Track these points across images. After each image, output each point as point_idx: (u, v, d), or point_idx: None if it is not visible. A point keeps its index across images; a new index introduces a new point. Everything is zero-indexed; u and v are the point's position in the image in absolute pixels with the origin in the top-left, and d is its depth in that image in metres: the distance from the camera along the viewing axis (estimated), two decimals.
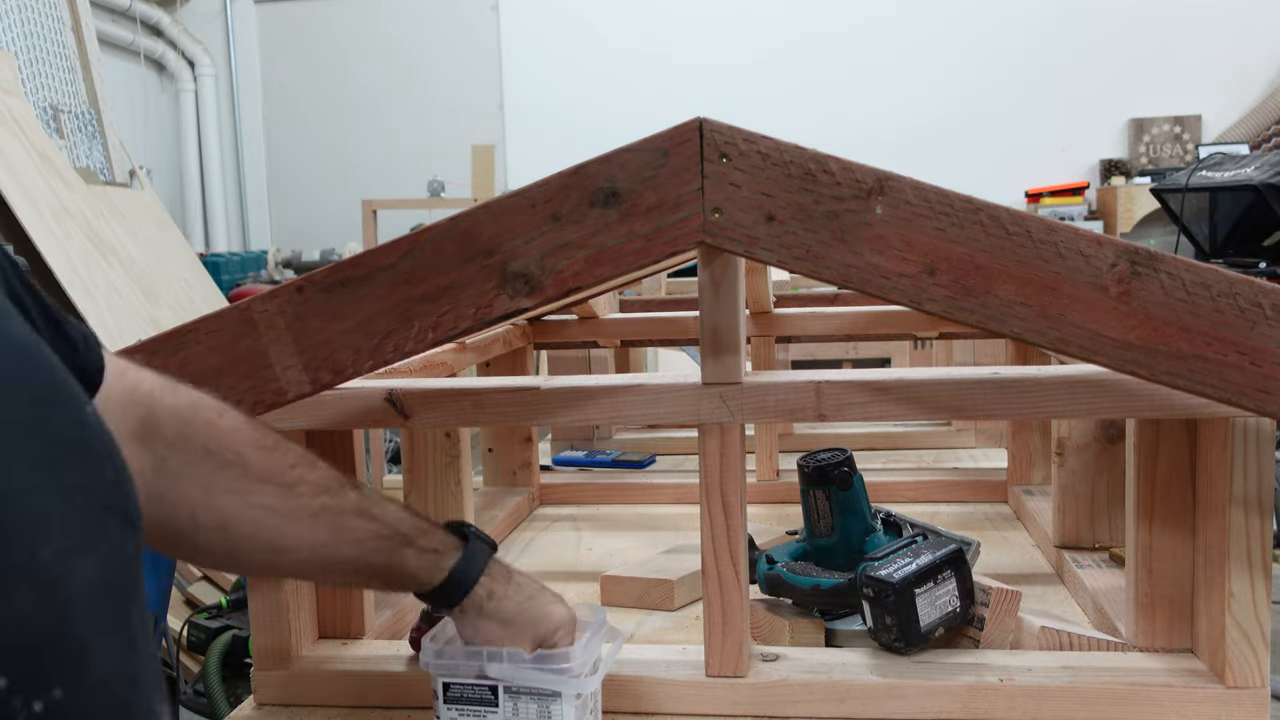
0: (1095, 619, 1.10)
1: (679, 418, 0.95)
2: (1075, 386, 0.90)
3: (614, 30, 5.94)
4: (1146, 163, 5.48)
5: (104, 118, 4.62)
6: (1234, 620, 0.89)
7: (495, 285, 0.92)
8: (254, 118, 6.49)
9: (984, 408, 0.93)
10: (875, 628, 0.97)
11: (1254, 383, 0.79)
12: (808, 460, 1.11)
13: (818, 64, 5.73)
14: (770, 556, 1.11)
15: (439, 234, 0.94)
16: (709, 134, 0.87)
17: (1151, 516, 0.95)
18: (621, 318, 1.81)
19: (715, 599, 0.95)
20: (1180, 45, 5.47)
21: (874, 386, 0.93)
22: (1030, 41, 5.56)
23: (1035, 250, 0.82)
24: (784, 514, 1.53)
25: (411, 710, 0.97)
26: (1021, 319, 0.82)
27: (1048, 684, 0.91)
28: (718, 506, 0.94)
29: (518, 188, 0.94)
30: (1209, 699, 0.90)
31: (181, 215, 6.14)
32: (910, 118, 5.61)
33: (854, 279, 0.85)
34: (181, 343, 0.92)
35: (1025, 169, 5.57)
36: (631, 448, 1.99)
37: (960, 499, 1.61)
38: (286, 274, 5.65)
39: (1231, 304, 0.79)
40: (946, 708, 0.92)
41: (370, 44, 6.25)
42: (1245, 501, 0.88)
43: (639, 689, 0.95)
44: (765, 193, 0.86)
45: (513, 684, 0.81)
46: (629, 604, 1.22)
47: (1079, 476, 1.26)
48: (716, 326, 0.94)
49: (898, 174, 0.84)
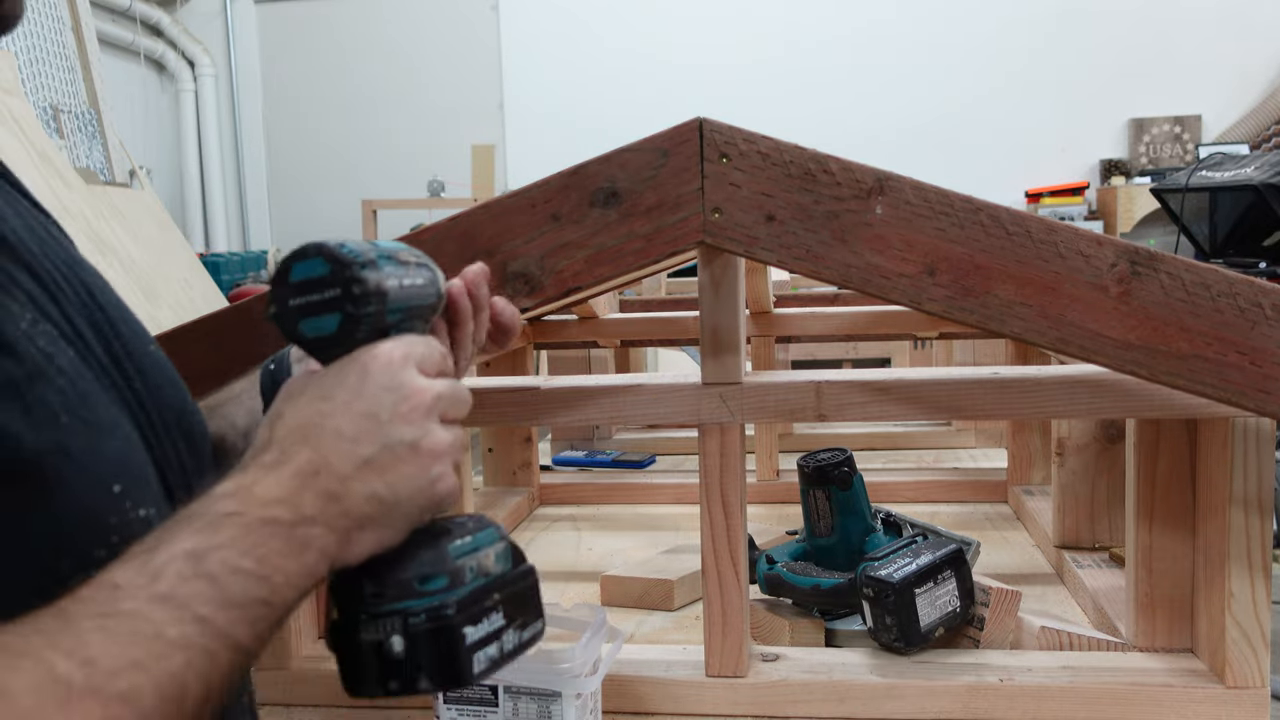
0: (1095, 619, 1.10)
1: (679, 418, 0.95)
2: (1075, 386, 0.90)
3: (614, 30, 5.94)
4: (1146, 163, 5.48)
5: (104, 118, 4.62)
6: (1234, 620, 0.89)
7: (495, 285, 0.92)
8: (254, 118, 6.49)
9: (984, 408, 0.93)
10: (875, 628, 0.98)
11: (1254, 383, 0.79)
12: (808, 460, 1.11)
13: (818, 64, 5.73)
14: (770, 556, 1.11)
15: (439, 234, 0.94)
16: (709, 134, 0.87)
17: (1151, 516, 0.95)
18: (621, 318, 1.81)
19: (715, 599, 0.95)
20: (1180, 46, 5.47)
21: (874, 386, 0.93)
22: (1030, 42, 5.56)
23: (1035, 250, 0.82)
24: (784, 514, 1.53)
25: (411, 710, 0.97)
26: (1021, 319, 0.82)
27: (1048, 684, 0.91)
28: (718, 506, 0.94)
29: (518, 188, 0.94)
30: (1209, 699, 0.90)
31: (181, 215, 6.14)
32: (910, 118, 5.61)
33: (854, 279, 0.85)
34: (182, 342, 0.92)
35: (1025, 169, 5.57)
36: (631, 448, 1.99)
37: (960, 499, 1.61)
38: None
39: (1231, 304, 0.79)
40: (946, 708, 0.92)
41: (370, 44, 6.25)
42: (1245, 501, 0.88)
43: (639, 689, 0.96)
44: (765, 193, 0.86)
45: (513, 684, 0.81)
46: (629, 604, 1.22)
47: (1079, 476, 1.26)
48: (716, 326, 0.94)
49: (897, 174, 0.84)
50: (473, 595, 0.59)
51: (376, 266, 0.61)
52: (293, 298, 0.61)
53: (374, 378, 0.59)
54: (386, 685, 0.57)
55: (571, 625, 0.89)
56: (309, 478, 0.54)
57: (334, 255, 0.60)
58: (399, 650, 0.57)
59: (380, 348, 0.60)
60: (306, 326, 0.61)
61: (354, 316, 0.60)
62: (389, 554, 0.58)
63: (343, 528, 0.55)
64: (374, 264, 0.61)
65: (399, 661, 0.57)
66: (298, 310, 0.61)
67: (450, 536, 0.60)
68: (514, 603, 0.61)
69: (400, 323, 0.63)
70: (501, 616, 0.60)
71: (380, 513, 0.56)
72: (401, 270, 0.63)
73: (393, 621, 0.57)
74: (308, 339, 0.61)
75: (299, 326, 0.61)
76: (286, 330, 0.62)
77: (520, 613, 0.61)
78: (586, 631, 0.85)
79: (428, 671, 0.57)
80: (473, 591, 0.59)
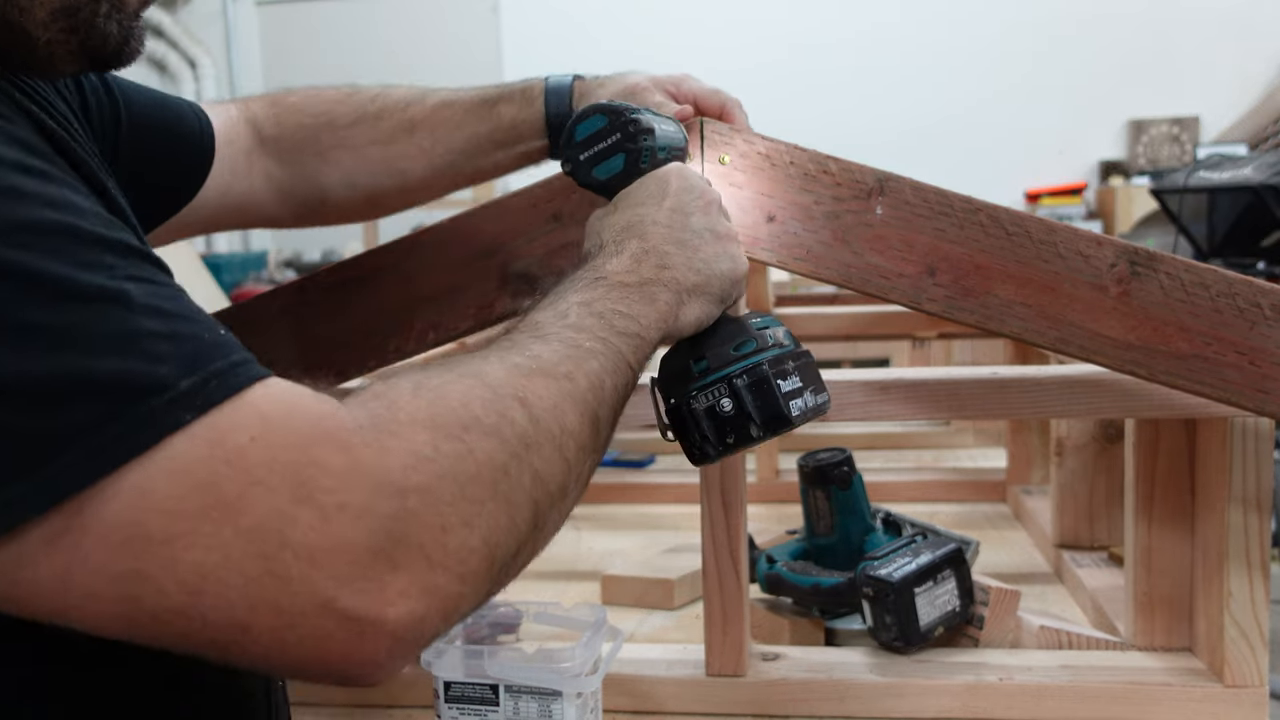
0: (1094, 618, 1.10)
1: None
2: (1075, 386, 0.90)
3: (614, 32, 5.94)
4: (1145, 164, 5.48)
5: None
6: (1232, 619, 0.89)
7: (496, 285, 0.93)
8: None
9: (984, 407, 0.93)
10: (875, 627, 0.98)
11: (1253, 382, 0.79)
12: (808, 460, 1.11)
13: (820, 67, 5.73)
14: (770, 556, 1.11)
15: (440, 234, 0.95)
16: (709, 134, 0.87)
17: (1150, 516, 0.95)
18: None
19: (715, 598, 0.95)
20: (1179, 47, 5.47)
21: (874, 386, 0.93)
22: (1031, 45, 5.56)
23: (1035, 250, 0.82)
24: (784, 514, 1.53)
25: (411, 710, 0.97)
26: (1021, 319, 0.83)
27: (1047, 683, 0.91)
28: (718, 506, 0.95)
29: (518, 188, 0.94)
30: (1207, 698, 0.90)
31: None
32: (911, 120, 5.61)
33: (854, 279, 0.85)
34: None
35: (1025, 170, 5.57)
36: (631, 448, 1.99)
37: (959, 499, 1.61)
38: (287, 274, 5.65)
39: (1230, 304, 0.79)
40: (946, 706, 0.92)
41: (371, 45, 6.25)
42: (1244, 501, 0.88)
43: (639, 688, 0.96)
44: (765, 193, 0.86)
45: (513, 683, 0.81)
46: (629, 603, 1.22)
47: (1078, 476, 1.27)
48: None
49: (897, 174, 0.84)
50: (778, 358, 0.69)
51: (643, 113, 0.74)
52: (582, 152, 0.74)
53: (672, 184, 0.72)
54: (724, 441, 0.69)
55: (572, 625, 0.89)
56: (642, 256, 0.67)
57: (610, 109, 0.73)
58: (729, 409, 0.68)
59: (669, 167, 0.74)
60: (599, 170, 0.74)
61: (635, 151, 0.73)
62: (702, 335, 0.70)
63: (675, 290, 0.67)
64: (640, 112, 0.74)
65: (730, 417, 0.68)
66: (589, 161, 0.74)
67: (747, 317, 0.72)
68: (806, 371, 0.71)
69: (666, 159, 0.75)
70: (799, 379, 0.70)
71: (701, 282, 0.69)
72: (659, 119, 0.76)
73: (720, 387, 0.68)
74: (600, 181, 0.74)
75: (592, 173, 0.74)
76: (582, 179, 0.75)
77: (811, 381, 0.72)
78: (587, 631, 0.85)
79: (756, 419, 0.68)
80: (777, 355, 0.70)
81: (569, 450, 0.55)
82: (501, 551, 0.50)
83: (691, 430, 0.70)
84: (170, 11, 6.21)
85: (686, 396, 0.69)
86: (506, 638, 0.98)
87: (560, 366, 0.56)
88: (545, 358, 0.56)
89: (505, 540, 0.50)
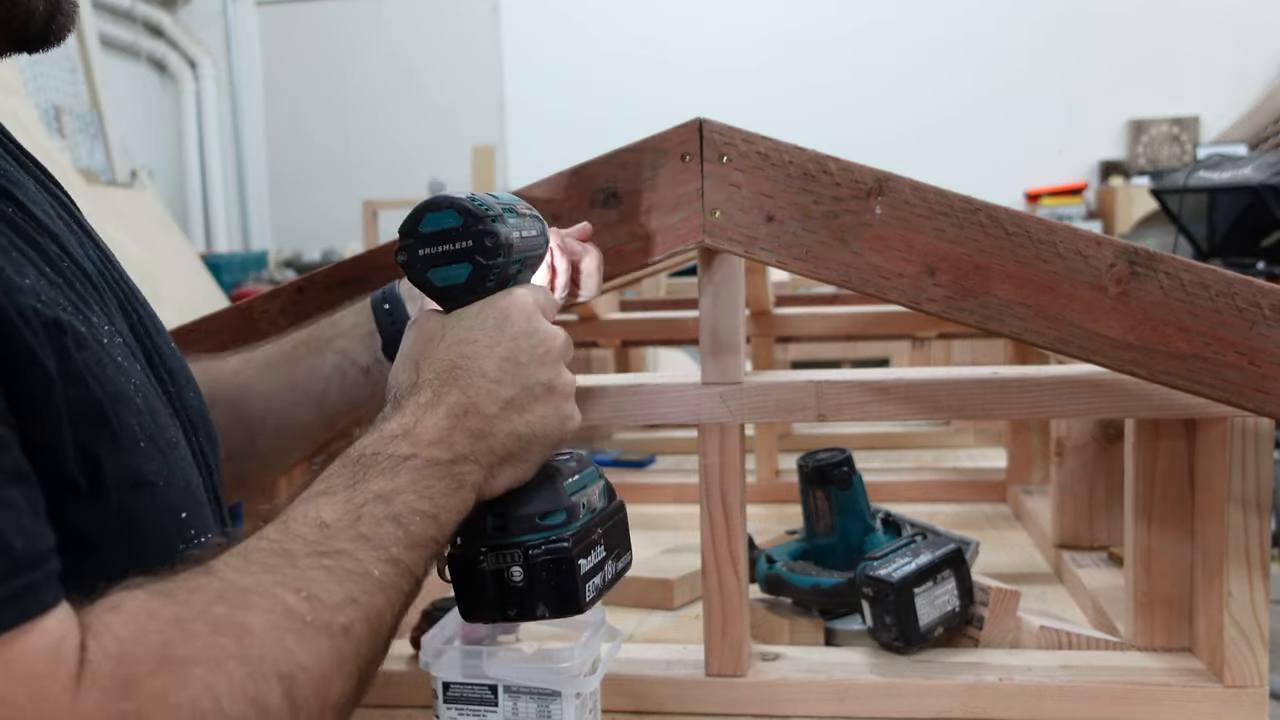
0: (1094, 618, 1.10)
1: (679, 418, 0.96)
2: (1074, 386, 0.90)
3: (614, 31, 5.94)
4: (1145, 163, 5.48)
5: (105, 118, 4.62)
6: (1232, 619, 0.89)
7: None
8: (255, 118, 6.49)
9: (984, 408, 0.93)
10: (875, 627, 0.98)
11: (1252, 382, 0.79)
12: (807, 460, 1.11)
13: (818, 66, 5.73)
14: (770, 556, 1.11)
15: None
16: (709, 134, 0.87)
17: (1150, 516, 0.95)
18: (621, 318, 1.81)
19: (715, 598, 0.95)
20: (1179, 47, 5.47)
21: (874, 386, 0.93)
22: (1030, 44, 5.56)
23: (1034, 250, 0.82)
24: (784, 514, 1.53)
25: (411, 710, 0.97)
26: (1020, 319, 0.83)
27: (1046, 683, 0.91)
28: (718, 506, 0.94)
29: (518, 188, 0.94)
30: (1207, 698, 0.90)
31: (183, 215, 6.14)
32: (911, 120, 5.61)
33: (853, 279, 0.85)
34: (183, 342, 0.92)
35: (1025, 170, 5.57)
36: (631, 448, 1.99)
37: (959, 499, 1.61)
38: (287, 274, 5.65)
39: (1230, 304, 0.79)
40: (946, 706, 0.92)
41: (371, 45, 6.25)
42: (1243, 501, 0.88)
43: (639, 688, 0.96)
44: (765, 193, 0.86)
45: (512, 683, 0.81)
46: (628, 604, 1.22)
47: (1078, 476, 1.27)
48: (716, 326, 0.94)
49: (897, 174, 0.84)
50: (584, 529, 0.63)
51: (504, 220, 0.64)
52: (423, 247, 0.64)
53: (513, 323, 0.63)
54: (505, 612, 0.63)
55: (571, 625, 0.89)
56: (460, 417, 0.59)
57: (467, 209, 0.63)
58: (519, 580, 0.62)
59: (516, 295, 0.65)
60: (436, 275, 0.64)
61: (484, 267, 0.63)
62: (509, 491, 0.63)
63: (489, 463, 0.60)
64: (502, 218, 0.64)
65: (519, 590, 0.62)
66: (428, 259, 0.64)
67: (562, 475, 0.64)
68: (613, 535, 0.66)
69: (519, 273, 0.67)
70: (603, 548, 0.65)
71: (520, 449, 0.62)
72: (521, 222, 0.67)
73: (515, 553, 0.61)
74: (436, 287, 0.65)
75: (427, 275, 0.65)
76: (414, 277, 0.65)
77: (617, 544, 0.67)
78: (586, 631, 0.85)
79: (546, 600, 0.62)
80: (584, 526, 0.63)
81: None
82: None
83: (472, 588, 0.63)
84: (170, 11, 6.22)
85: (475, 552, 0.62)
86: (505, 638, 0.98)
87: (340, 616, 0.49)
88: (325, 600, 0.48)
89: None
